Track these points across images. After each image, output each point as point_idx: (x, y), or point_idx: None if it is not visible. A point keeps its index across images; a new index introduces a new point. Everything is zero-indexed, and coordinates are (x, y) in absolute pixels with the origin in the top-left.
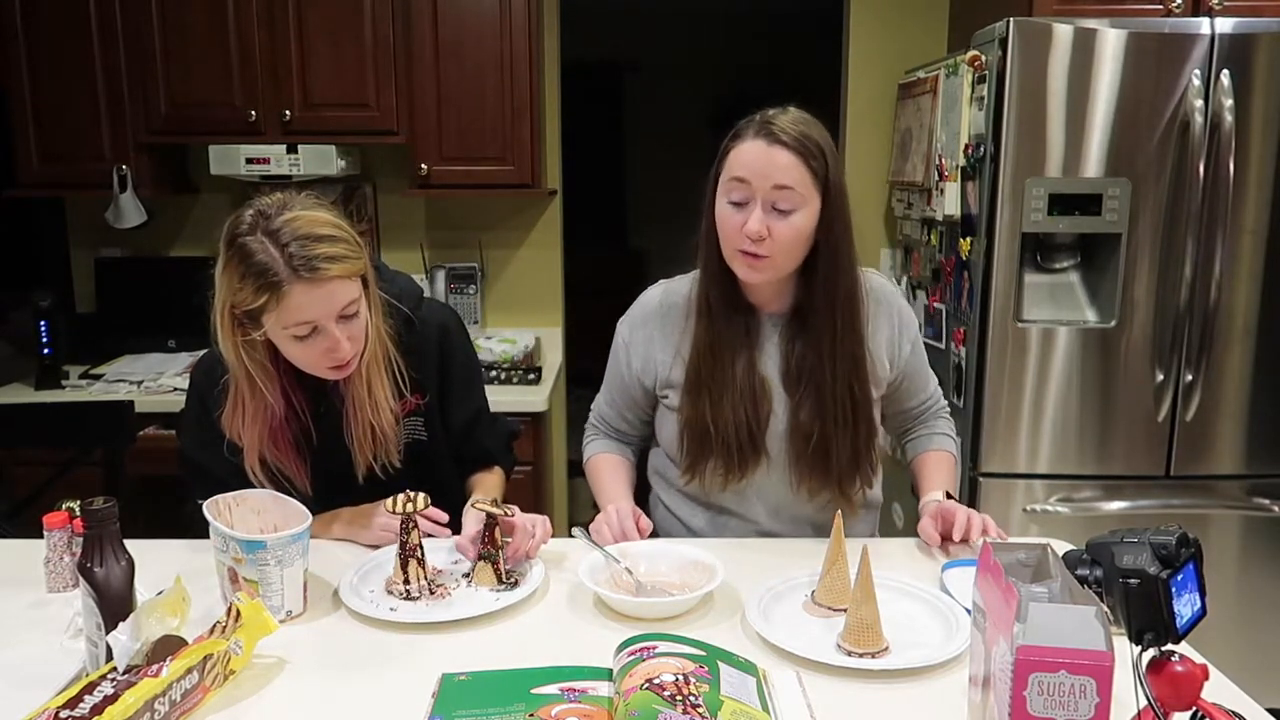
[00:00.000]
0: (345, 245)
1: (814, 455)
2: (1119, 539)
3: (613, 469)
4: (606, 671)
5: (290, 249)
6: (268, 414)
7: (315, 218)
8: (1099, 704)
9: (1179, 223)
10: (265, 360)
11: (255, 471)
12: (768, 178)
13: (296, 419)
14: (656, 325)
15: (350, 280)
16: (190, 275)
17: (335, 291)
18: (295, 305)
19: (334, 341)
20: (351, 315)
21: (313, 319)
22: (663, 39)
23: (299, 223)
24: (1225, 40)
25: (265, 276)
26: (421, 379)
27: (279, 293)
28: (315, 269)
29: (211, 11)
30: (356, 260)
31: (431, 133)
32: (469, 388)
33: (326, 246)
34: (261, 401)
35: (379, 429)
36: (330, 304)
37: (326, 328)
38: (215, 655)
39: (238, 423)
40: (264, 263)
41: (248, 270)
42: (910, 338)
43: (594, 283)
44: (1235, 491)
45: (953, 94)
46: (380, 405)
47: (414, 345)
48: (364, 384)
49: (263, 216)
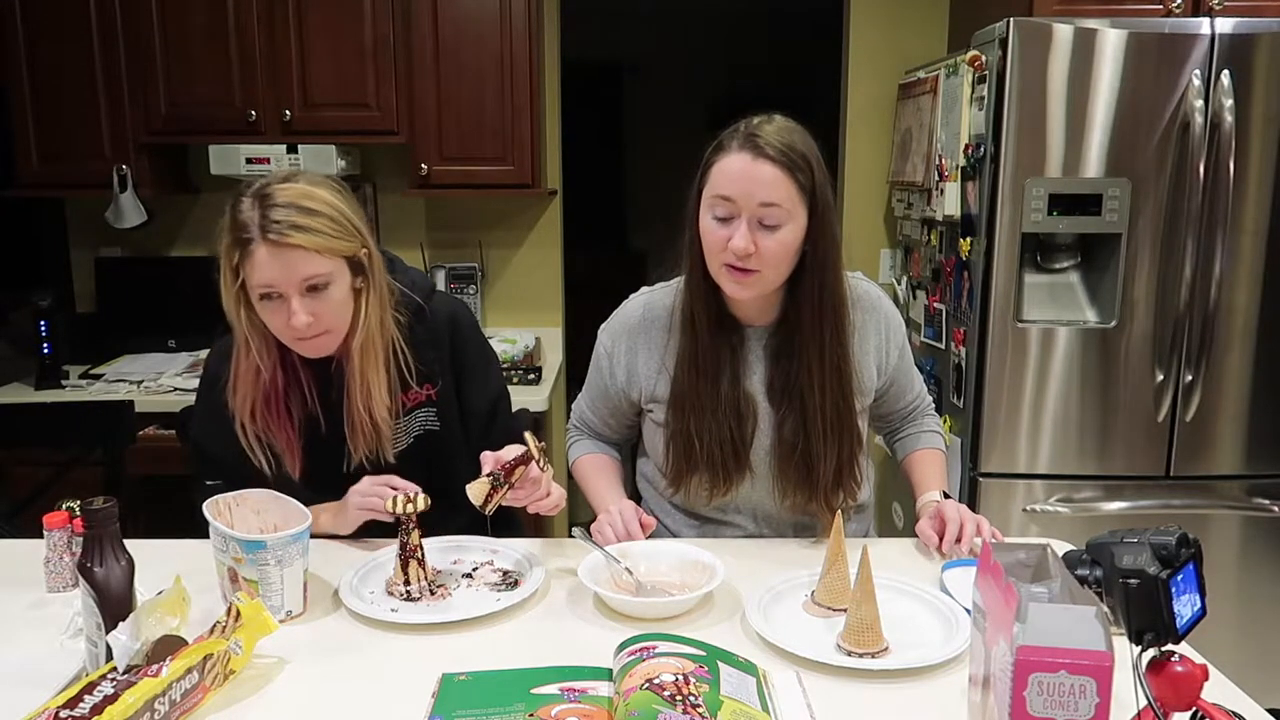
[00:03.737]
0: (327, 221)
1: (798, 470)
2: (1119, 539)
3: (602, 469)
4: (606, 671)
5: (269, 213)
6: (259, 378)
7: (307, 191)
8: (1099, 704)
9: (1179, 223)
10: (262, 325)
11: (246, 436)
12: (753, 195)
13: (300, 397)
14: (640, 338)
15: (320, 255)
16: (190, 275)
17: (295, 260)
18: (258, 263)
19: (292, 310)
20: (318, 289)
21: (271, 282)
22: (663, 39)
23: (290, 193)
24: (1225, 40)
25: (240, 232)
26: (432, 370)
27: (248, 249)
28: (282, 234)
29: (211, 11)
30: (335, 239)
31: (431, 133)
32: (486, 374)
33: (302, 218)
34: (253, 364)
35: (374, 419)
36: (290, 271)
37: (287, 294)
38: (215, 655)
39: (232, 379)
40: (243, 220)
41: (232, 224)
42: (898, 343)
43: (594, 283)
44: (1235, 491)
45: (953, 94)
46: (373, 395)
47: (425, 336)
48: (357, 372)
49: (266, 183)
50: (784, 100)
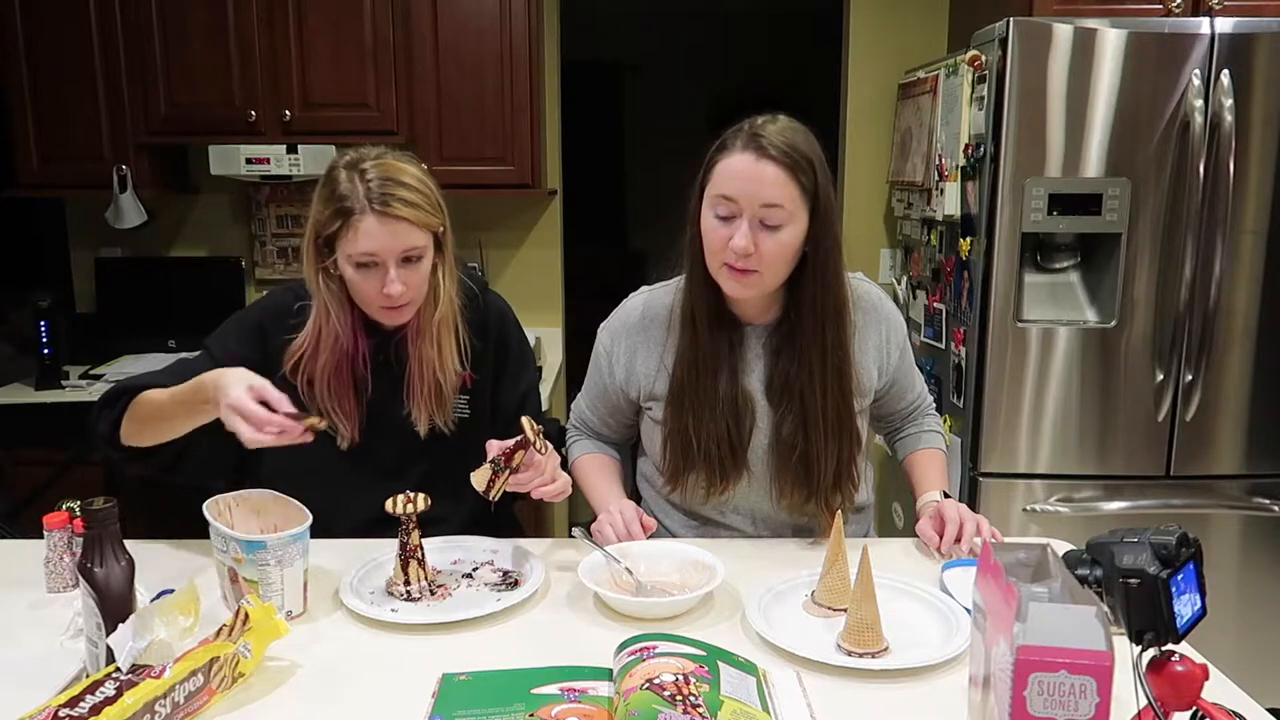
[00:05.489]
0: (422, 196)
1: (796, 470)
2: (1119, 539)
3: (602, 469)
4: (606, 671)
5: (371, 184)
6: (337, 344)
7: (402, 168)
8: (1099, 704)
9: (1179, 223)
10: (341, 293)
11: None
12: (755, 195)
13: (358, 362)
14: (639, 336)
15: (418, 229)
16: (190, 275)
17: (401, 231)
18: (363, 233)
19: (389, 279)
20: (414, 260)
21: (374, 250)
22: (663, 39)
23: (386, 167)
24: (1225, 40)
25: (343, 202)
26: (479, 354)
27: (350, 219)
28: (388, 204)
29: (211, 11)
30: (430, 214)
31: (431, 133)
32: (522, 369)
33: (404, 191)
34: (333, 330)
35: (443, 387)
36: (394, 241)
37: (386, 263)
38: (222, 658)
39: (313, 347)
40: (345, 192)
41: (331, 195)
42: (899, 343)
43: (594, 283)
44: (1235, 491)
45: (953, 94)
46: (446, 365)
47: (478, 322)
48: (434, 342)
49: (359, 157)
50: (784, 100)
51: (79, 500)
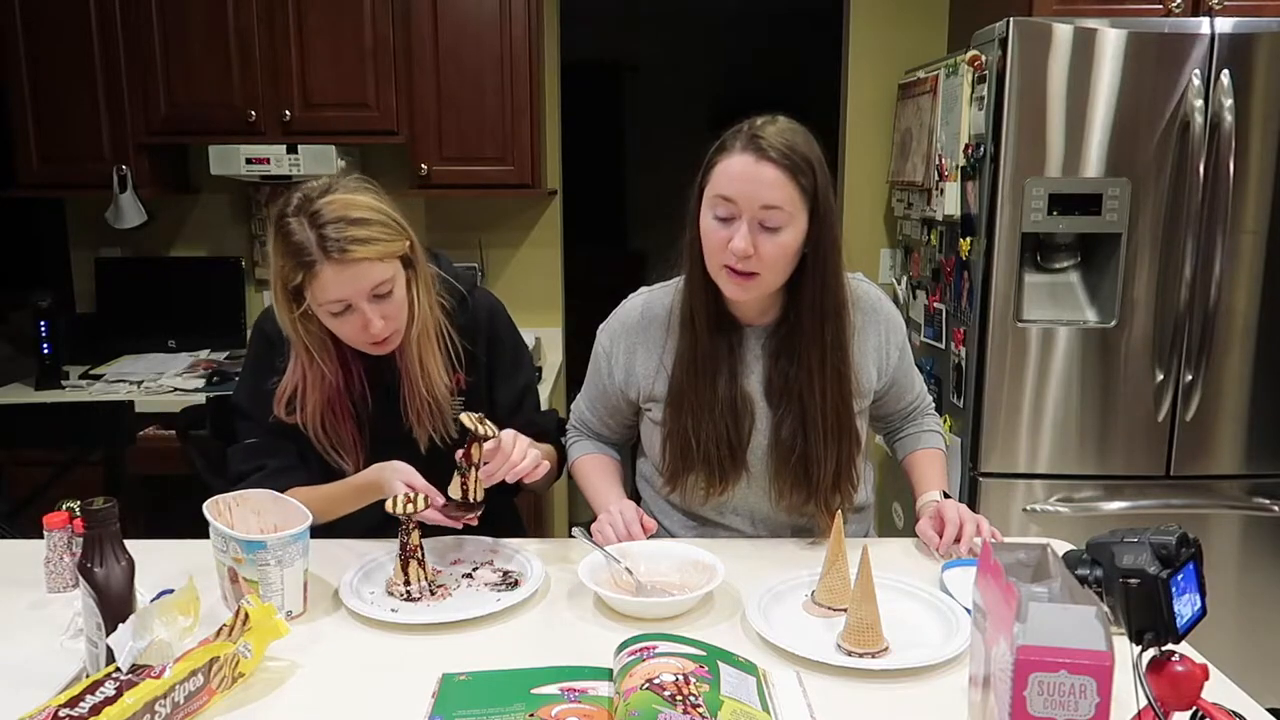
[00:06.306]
0: (380, 228)
1: (795, 471)
2: (1119, 539)
3: (602, 469)
4: (606, 671)
5: (325, 230)
6: (325, 383)
7: (353, 200)
8: (1099, 704)
9: (1179, 223)
10: (321, 332)
11: (315, 435)
12: (755, 197)
13: (354, 389)
14: (639, 337)
15: (383, 261)
16: (190, 275)
17: (365, 272)
18: (327, 283)
19: (366, 319)
20: (385, 295)
21: (343, 297)
22: (663, 39)
23: (336, 205)
24: (1225, 40)
25: (300, 255)
26: (471, 357)
27: (311, 271)
28: (345, 250)
29: (211, 11)
30: (391, 242)
31: (431, 133)
32: (516, 367)
33: (358, 229)
34: (318, 370)
35: (434, 401)
36: (359, 283)
37: (359, 305)
38: (222, 658)
39: (300, 390)
40: (299, 243)
41: (287, 249)
42: (898, 344)
43: (594, 283)
44: (1235, 491)
45: (953, 94)
46: (433, 377)
47: (466, 324)
48: (416, 358)
49: (306, 199)
50: (784, 100)
51: (79, 500)
